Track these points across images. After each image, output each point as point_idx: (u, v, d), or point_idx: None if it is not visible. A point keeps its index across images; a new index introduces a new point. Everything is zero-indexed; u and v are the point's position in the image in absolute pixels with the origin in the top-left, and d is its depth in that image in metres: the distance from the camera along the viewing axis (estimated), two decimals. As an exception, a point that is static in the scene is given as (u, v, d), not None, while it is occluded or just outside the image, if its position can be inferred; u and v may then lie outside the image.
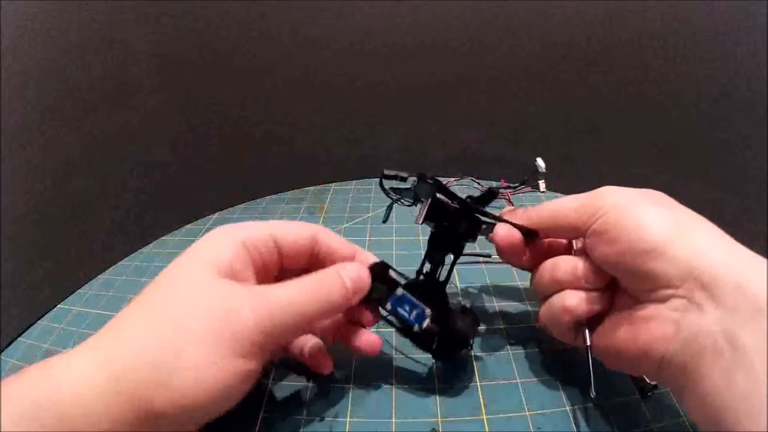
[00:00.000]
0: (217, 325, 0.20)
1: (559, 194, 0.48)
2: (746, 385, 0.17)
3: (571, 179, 0.56)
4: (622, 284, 0.24)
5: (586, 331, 0.26)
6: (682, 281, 0.20)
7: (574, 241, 0.29)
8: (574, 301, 0.25)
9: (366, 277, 0.26)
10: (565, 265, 0.26)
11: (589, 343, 0.26)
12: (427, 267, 0.29)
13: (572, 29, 0.50)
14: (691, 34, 0.46)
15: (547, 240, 0.29)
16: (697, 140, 0.50)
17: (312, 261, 0.27)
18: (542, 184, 0.57)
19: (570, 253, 0.28)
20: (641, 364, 0.23)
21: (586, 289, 0.26)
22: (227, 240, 0.23)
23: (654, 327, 0.21)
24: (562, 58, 0.52)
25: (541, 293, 0.28)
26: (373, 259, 0.28)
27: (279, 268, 0.26)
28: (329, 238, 0.27)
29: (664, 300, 0.21)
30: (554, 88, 0.53)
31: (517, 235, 0.28)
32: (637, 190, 0.25)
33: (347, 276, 0.25)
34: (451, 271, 0.29)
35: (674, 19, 0.46)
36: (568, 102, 0.54)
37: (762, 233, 0.45)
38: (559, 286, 0.26)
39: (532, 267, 0.29)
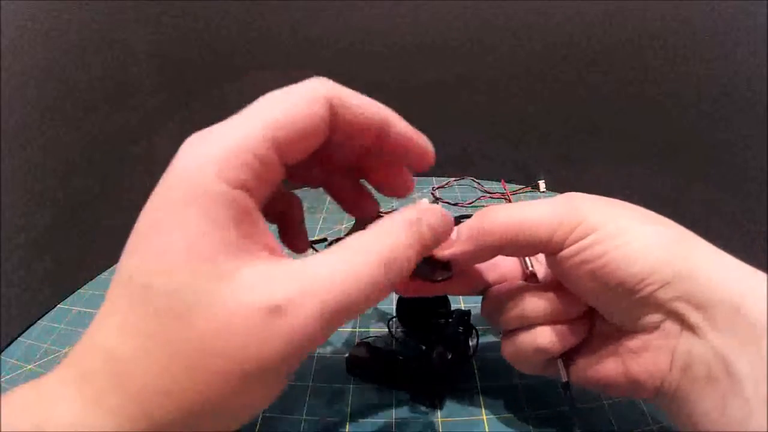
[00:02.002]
0: (255, 363, 0.14)
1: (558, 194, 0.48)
2: (740, 413, 0.17)
3: (571, 179, 0.56)
4: (603, 314, 0.21)
5: (562, 367, 0.23)
6: (676, 304, 0.18)
7: (526, 259, 0.25)
8: (548, 339, 0.22)
9: (450, 224, 0.19)
10: (536, 302, 0.22)
11: (566, 380, 0.23)
12: None
13: (572, 29, 0.50)
14: (691, 34, 0.46)
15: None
16: (697, 140, 0.50)
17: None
18: (542, 184, 0.58)
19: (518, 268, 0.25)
20: (634, 393, 0.21)
21: (560, 323, 0.22)
22: (216, 199, 0.14)
23: (646, 359, 0.20)
24: (562, 58, 0.52)
25: (499, 326, 0.24)
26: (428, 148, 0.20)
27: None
28: (350, 106, 0.17)
29: (655, 326, 0.19)
30: (554, 88, 0.53)
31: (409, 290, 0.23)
32: (611, 202, 0.21)
33: (427, 224, 0.17)
34: None
35: (674, 19, 0.46)
36: (568, 102, 0.54)
37: (762, 233, 0.45)
38: (528, 323, 0.22)
39: (468, 292, 0.25)
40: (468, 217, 0.26)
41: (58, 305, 0.40)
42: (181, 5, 0.47)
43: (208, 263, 0.14)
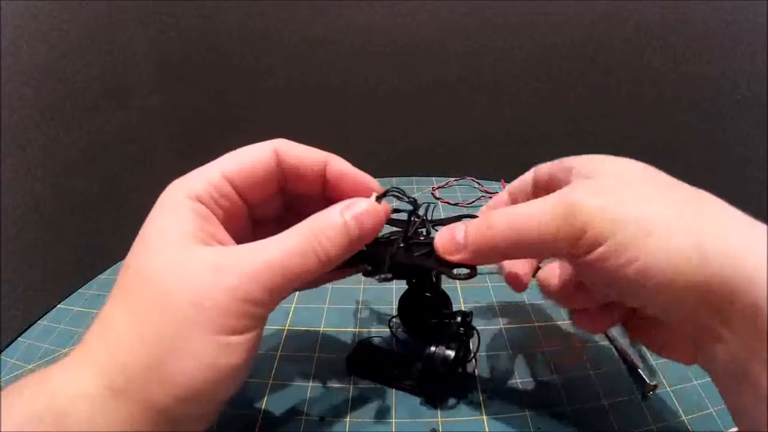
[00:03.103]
0: (200, 308, 0.18)
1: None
2: (758, 415, 0.17)
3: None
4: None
5: (623, 347, 0.28)
6: (695, 310, 0.18)
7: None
8: (588, 323, 0.25)
9: (381, 214, 0.21)
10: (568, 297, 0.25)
11: (631, 364, 0.27)
12: None
13: (572, 29, 0.50)
14: (691, 34, 0.46)
15: None
16: (697, 140, 0.50)
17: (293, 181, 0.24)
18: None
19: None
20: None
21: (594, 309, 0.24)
22: (182, 207, 0.20)
23: (676, 348, 0.21)
24: (562, 58, 0.52)
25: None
26: (369, 181, 0.24)
27: (265, 200, 0.24)
28: (293, 151, 0.23)
29: (678, 327, 0.20)
30: (554, 88, 0.53)
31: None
32: (609, 192, 0.19)
33: (352, 215, 0.20)
34: None
35: (674, 19, 0.46)
36: (568, 102, 0.54)
37: (762, 233, 0.45)
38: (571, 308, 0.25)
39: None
40: (467, 216, 0.26)
41: (58, 305, 0.40)
42: (181, 5, 0.48)
43: (172, 242, 0.19)
